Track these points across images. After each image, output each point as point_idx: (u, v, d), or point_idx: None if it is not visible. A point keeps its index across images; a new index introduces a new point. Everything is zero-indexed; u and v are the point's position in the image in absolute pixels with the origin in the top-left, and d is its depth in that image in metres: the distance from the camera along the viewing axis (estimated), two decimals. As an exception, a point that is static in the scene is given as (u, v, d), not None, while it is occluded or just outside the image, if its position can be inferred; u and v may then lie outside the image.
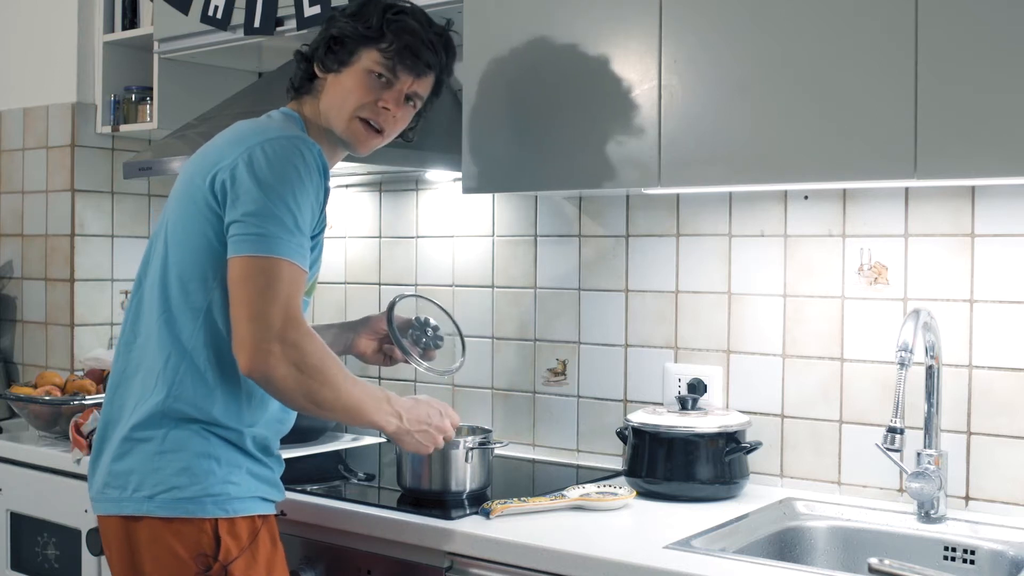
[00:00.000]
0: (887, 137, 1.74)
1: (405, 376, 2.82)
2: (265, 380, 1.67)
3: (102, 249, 3.18)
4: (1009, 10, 1.64)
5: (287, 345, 1.65)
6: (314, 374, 1.68)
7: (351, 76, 1.88)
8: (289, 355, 1.66)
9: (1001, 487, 2.00)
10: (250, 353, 1.65)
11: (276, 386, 1.68)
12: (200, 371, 1.74)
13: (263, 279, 1.66)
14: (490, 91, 2.19)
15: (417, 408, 1.87)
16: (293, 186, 1.70)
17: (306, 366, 1.67)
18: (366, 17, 1.88)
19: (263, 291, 1.66)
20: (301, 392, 1.68)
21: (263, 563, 1.76)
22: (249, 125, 1.83)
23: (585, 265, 2.51)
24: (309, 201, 1.72)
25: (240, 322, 1.67)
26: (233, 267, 1.69)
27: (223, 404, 1.75)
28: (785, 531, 2.02)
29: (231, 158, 1.73)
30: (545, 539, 1.81)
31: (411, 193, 2.83)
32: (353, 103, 1.88)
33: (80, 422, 2.55)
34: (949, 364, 2.03)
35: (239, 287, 1.68)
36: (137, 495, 1.72)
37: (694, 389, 2.22)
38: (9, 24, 3.32)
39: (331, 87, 1.90)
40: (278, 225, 1.68)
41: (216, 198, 1.72)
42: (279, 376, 1.66)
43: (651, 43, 1.97)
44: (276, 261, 1.67)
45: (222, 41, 2.65)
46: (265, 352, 1.64)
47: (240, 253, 1.68)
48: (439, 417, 1.89)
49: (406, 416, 1.84)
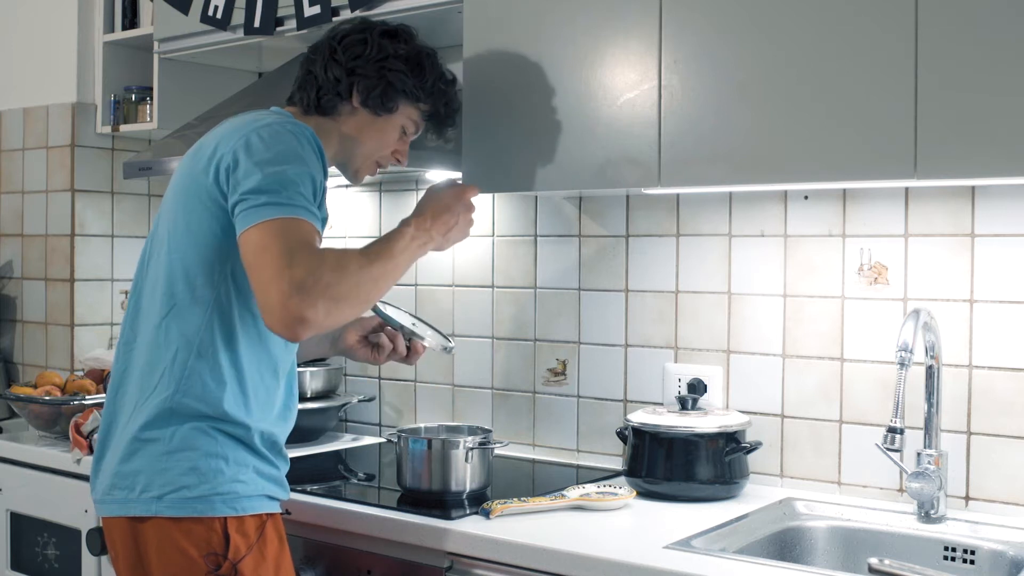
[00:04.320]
0: (887, 137, 1.74)
1: (405, 376, 2.82)
2: (313, 329, 1.61)
3: (102, 249, 3.18)
4: (1009, 11, 1.64)
5: (306, 288, 1.58)
6: (341, 289, 1.62)
7: (390, 127, 1.97)
8: (314, 294, 1.58)
9: (1001, 487, 2.00)
10: (282, 320, 1.59)
11: (324, 324, 1.62)
12: (209, 365, 1.73)
13: (277, 241, 1.62)
14: (490, 91, 2.19)
15: (439, 215, 1.89)
16: (292, 160, 1.70)
17: (331, 289, 1.61)
18: (423, 78, 1.96)
19: (279, 252, 1.61)
20: (346, 308, 1.66)
21: (271, 561, 1.76)
22: (240, 117, 1.83)
23: (585, 265, 2.51)
24: (309, 174, 1.71)
25: (264, 292, 1.61)
26: (244, 243, 1.66)
27: (233, 398, 1.74)
28: (785, 531, 2.02)
29: (228, 147, 1.73)
30: (545, 539, 1.81)
31: (411, 193, 2.83)
32: (381, 151, 1.99)
33: (80, 422, 2.55)
34: (949, 364, 2.03)
35: (253, 257, 1.64)
36: (145, 496, 1.72)
37: (694, 389, 2.22)
38: (9, 24, 3.33)
39: (363, 125, 1.95)
40: (281, 193, 1.66)
41: (220, 189, 1.72)
42: (321, 317, 1.60)
43: (651, 43, 1.97)
44: (283, 221, 1.64)
45: (222, 41, 2.65)
46: (295, 309, 1.58)
47: (248, 225, 1.65)
48: (465, 212, 1.94)
49: (436, 230, 1.88)
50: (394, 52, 1.93)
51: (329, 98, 1.92)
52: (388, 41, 1.94)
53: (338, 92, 1.92)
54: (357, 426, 2.93)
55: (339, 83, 1.92)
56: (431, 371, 2.77)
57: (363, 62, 1.92)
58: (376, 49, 1.92)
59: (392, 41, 1.95)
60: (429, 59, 1.98)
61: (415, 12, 2.26)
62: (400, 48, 1.94)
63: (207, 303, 1.74)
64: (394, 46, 1.94)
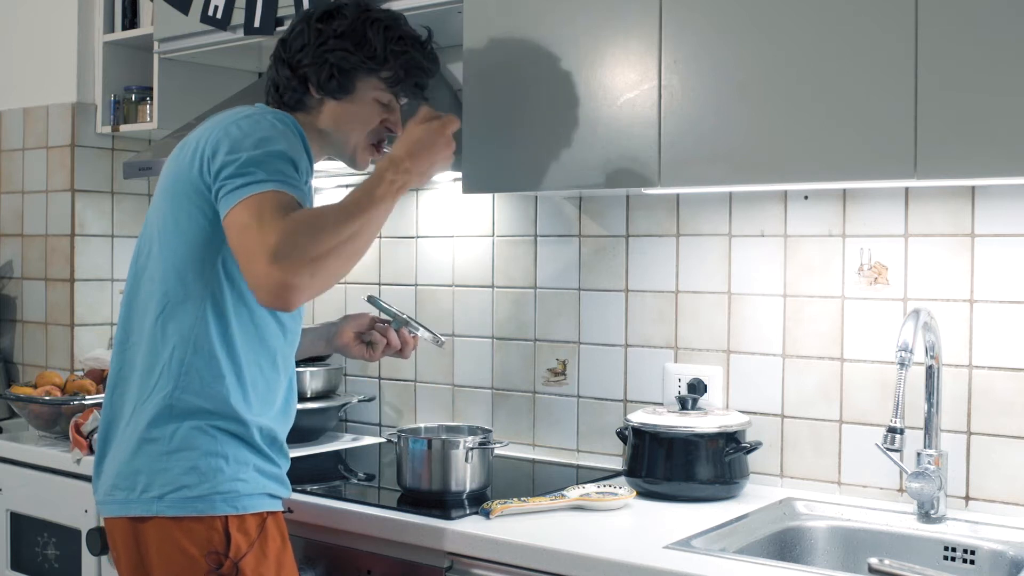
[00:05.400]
0: (887, 137, 1.74)
1: (405, 376, 2.82)
2: (303, 295, 1.61)
3: (102, 249, 3.18)
4: (1009, 11, 1.64)
5: (283, 254, 1.57)
6: (320, 247, 1.61)
7: (359, 107, 1.91)
8: (293, 258, 1.58)
9: (1001, 487, 2.00)
10: (269, 293, 1.59)
11: (314, 287, 1.62)
12: (207, 360, 1.73)
13: (254, 217, 1.62)
14: (490, 91, 2.19)
15: (415, 150, 1.79)
16: (271, 143, 1.69)
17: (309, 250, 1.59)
18: (368, 47, 1.88)
19: (257, 226, 1.61)
20: (333, 267, 1.64)
21: (273, 559, 1.76)
22: (224, 112, 1.83)
23: (585, 265, 2.51)
24: (288, 155, 1.69)
25: (249, 269, 1.61)
26: (228, 227, 1.66)
27: (232, 392, 1.74)
28: (785, 531, 2.02)
29: (210, 139, 1.73)
30: (545, 539, 1.81)
31: (411, 193, 2.83)
32: (365, 132, 1.93)
33: (80, 422, 2.55)
34: (949, 364, 2.03)
35: (236, 239, 1.64)
36: (146, 496, 1.72)
37: (694, 389, 2.22)
38: (9, 24, 3.33)
39: (335, 113, 1.91)
40: (258, 172, 1.65)
41: (204, 181, 1.72)
42: (306, 281, 1.59)
43: (651, 43, 1.97)
44: (259, 195, 1.64)
45: (222, 41, 2.65)
46: (278, 280, 1.58)
47: (229, 207, 1.65)
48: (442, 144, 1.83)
49: (414, 163, 1.78)
50: (332, 32, 1.88)
51: (290, 95, 1.91)
52: (324, 23, 1.90)
53: (294, 88, 1.90)
54: (357, 426, 2.93)
55: (291, 80, 1.90)
56: (431, 371, 2.77)
57: (305, 52, 1.89)
58: (314, 35, 1.89)
59: (329, 22, 1.90)
60: (374, 26, 1.89)
61: (415, 12, 2.25)
62: (338, 26, 1.89)
63: (200, 298, 1.74)
64: (331, 26, 1.89)
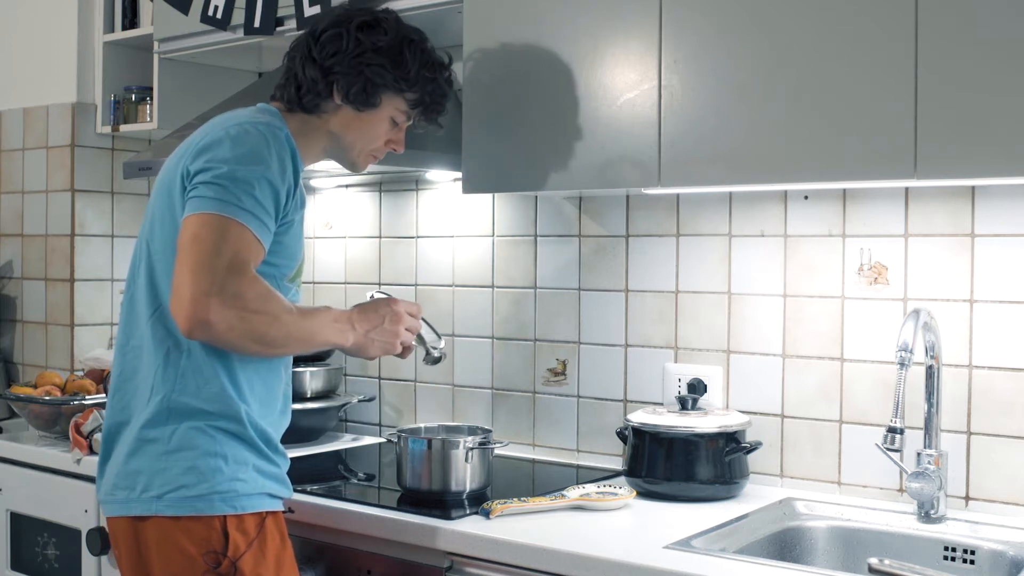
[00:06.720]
0: (887, 137, 1.74)
1: (405, 376, 2.82)
2: (208, 335, 1.63)
3: (102, 249, 3.18)
4: (1009, 11, 1.64)
5: (226, 295, 1.60)
6: (257, 316, 1.65)
7: (376, 121, 1.92)
8: (229, 304, 1.61)
9: (1001, 487, 2.00)
10: (187, 311, 1.60)
11: (222, 338, 1.64)
12: (199, 362, 1.73)
13: (212, 236, 1.63)
14: (490, 91, 2.19)
15: (366, 313, 1.84)
16: (250, 162, 1.69)
17: (248, 311, 1.63)
18: (404, 67, 1.88)
19: (211, 248, 1.62)
20: (250, 337, 1.66)
21: (272, 559, 1.76)
22: (221, 115, 1.83)
23: (585, 265, 2.51)
24: (267, 178, 1.69)
25: (180, 278, 1.62)
26: (183, 228, 1.66)
27: (229, 393, 1.74)
28: (785, 531, 2.02)
29: (200, 143, 1.73)
30: (545, 539, 1.81)
31: (411, 193, 2.83)
32: (372, 144, 1.95)
33: (80, 422, 2.55)
34: (949, 364, 2.03)
35: (187, 244, 1.64)
36: (145, 495, 1.72)
37: (694, 389, 2.22)
38: (9, 24, 3.32)
39: (348, 120, 1.90)
40: (236, 191, 1.66)
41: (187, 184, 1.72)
42: (223, 328, 1.61)
43: (651, 43, 1.97)
44: (228, 221, 1.65)
45: (222, 41, 2.65)
46: (204, 307, 1.59)
47: (190, 212, 1.66)
48: (392, 319, 1.85)
49: (359, 324, 1.81)
50: (372, 45, 1.86)
51: (311, 97, 1.88)
52: (365, 34, 1.87)
53: (318, 91, 1.88)
54: (357, 426, 2.93)
55: (317, 83, 1.87)
56: (431, 371, 2.77)
57: (340, 59, 1.86)
58: (353, 44, 1.86)
59: (370, 33, 1.87)
60: (411, 47, 1.89)
61: (415, 12, 2.26)
62: (379, 40, 1.87)
63: None
64: (372, 39, 1.87)
